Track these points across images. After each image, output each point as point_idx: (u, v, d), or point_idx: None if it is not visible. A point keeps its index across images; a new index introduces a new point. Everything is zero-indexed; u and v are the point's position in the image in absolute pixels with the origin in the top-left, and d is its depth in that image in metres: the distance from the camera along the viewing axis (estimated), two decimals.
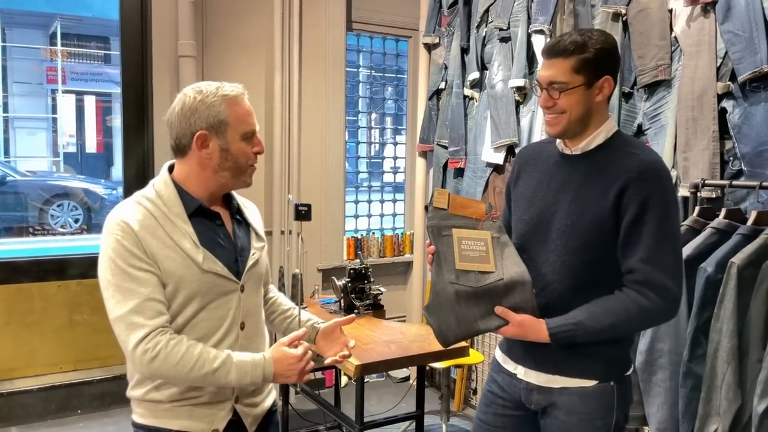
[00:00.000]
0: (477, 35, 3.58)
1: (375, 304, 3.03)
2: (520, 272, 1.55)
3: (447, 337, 1.54)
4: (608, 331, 1.50)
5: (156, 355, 1.32)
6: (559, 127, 1.56)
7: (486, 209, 1.64)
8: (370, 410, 3.44)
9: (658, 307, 1.47)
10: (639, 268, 1.47)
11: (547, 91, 1.55)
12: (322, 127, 4.00)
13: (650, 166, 1.48)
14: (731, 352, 1.87)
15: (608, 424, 1.57)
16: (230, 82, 1.46)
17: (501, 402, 1.73)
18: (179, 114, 1.42)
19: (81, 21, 9.27)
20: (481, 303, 1.53)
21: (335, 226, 4.13)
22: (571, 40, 1.52)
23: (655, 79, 2.51)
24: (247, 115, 1.45)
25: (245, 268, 1.50)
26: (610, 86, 1.54)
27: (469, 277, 1.54)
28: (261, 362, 1.42)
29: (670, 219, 1.48)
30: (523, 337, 1.56)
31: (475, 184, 3.62)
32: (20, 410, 3.44)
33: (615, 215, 1.49)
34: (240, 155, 1.44)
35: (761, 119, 2.13)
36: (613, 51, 1.54)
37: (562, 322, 1.51)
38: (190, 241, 1.41)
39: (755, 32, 2.12)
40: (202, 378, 1.36)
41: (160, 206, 1.41)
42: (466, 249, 1.57)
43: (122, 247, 1.34)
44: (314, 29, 3.91)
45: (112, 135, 9.54)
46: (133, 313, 1.33)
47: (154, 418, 1.44)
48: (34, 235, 7.08)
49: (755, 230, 1.95)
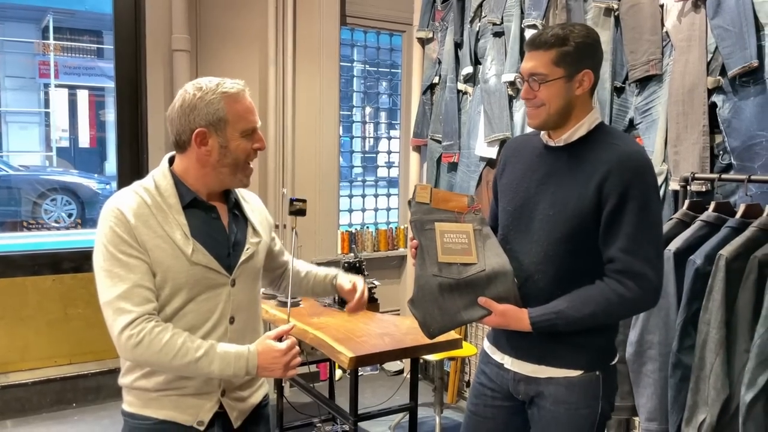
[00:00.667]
0: (470, 30, 3.59)
1: (369, 297, 3.05)
2: (502, 263, 1.57)
3: (431, 329, 1.57)
4: (588, 319, 1.51)
5: (140, 341, 1.33)
6: (538, 119, 1.59)
7: (468, 202, 1.66)
8: (365, 403, 3.46)
9: (637, 296, 1.49)
10: (618, 257, 1.49)
11: (528, 83, 1.57)
12: (317, 122, 4.01)
13: (630, 157, 1.50)
14: (719, 343, 1.90)
15: (594, 413, 1.59)
16: (231, 78, 1.46)
17: (490, 393, 1.75)
18: (179, 110, 1.43)
19: (74, 15, 9.23)
20: (464, 294, 1.56)
21: (330, 221, 4.15)
22: (553, 33, 1.54)
23: (646, 74, 2.53)
24: (247, 113, 1.45)
25: (237, 263, 1.50)
26: (590, 80, 1.55)
27: (452, 269, 1.56)
28: (245, 354, 1.40)
29: (650, 209, 1.49)
30: (506, 327, 1.58)
31: (469, 179, 3.64)
32: (15, 404, 3.45)
33: (596, 206, 1.51)
34: (239, 152, 1.44)
35: (750, 114, 2.16)
36: (594, 45, 1.56)
37: (543, 312, 1.53)
38: (181, 232, 1.42)
39: (745, 27, 2.14)
40: (185, 366, 1.36)
41: (156, 196, 1.43)
42: (449, 242, 1.59)
43: (114, 233, 1.36)
44: (308, 23, 3.91)
45: (106, 129, 9.51)
46: (120, 298, 1.34)
47: (142, 406, 1.46)
48: (28, 230, 7.06)
49: (743, 223, 1.98)
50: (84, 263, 3.54)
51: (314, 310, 2.96)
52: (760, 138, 2.12)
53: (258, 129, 1.48)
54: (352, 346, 2.38)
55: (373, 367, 4.26)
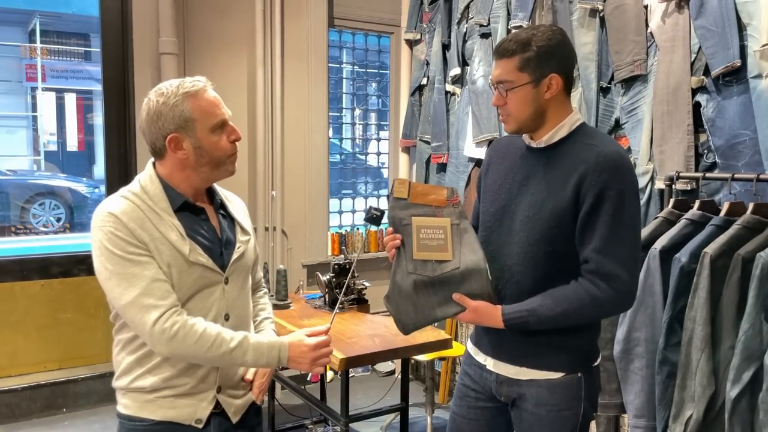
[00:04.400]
0: (458, 31, 3.61)
1: (359, 298, 3.06)
2: (477, 260, 1.57)
3: (406, 325, 1.60)
4: (560, 318, 1.51)
5: (175, 334, 1.36)
6: (509, 125, 1.61)
7: (447, 195, 1.65)
8: (356, 404, 3.46)
9: (609, 297, 1.48)
10: (592, 257, 1.49)
11: (498, 90, 1.58)
12: (306, 123, 4.01)
13: (608, 157, 1.49)
14: (705, 340, 1.93)
15: (576, 414, 1.60)
16: (219, 80, 1.48)
17: (474, 394, 1.75)
18: (147, 120, 1.44)
19: (60, 18, 9.17)
20: (439, 291, 1.58)
21: (319, 222, 4.15)
22: (516, 39, 1.54)
23: (631, 74, 2.56)
24: (212, 107, 1.45)
25: (230, 261, 1.52)
26: (558, 83, 1.54)
27: (427, 266, 1.58)
28: (277, 345, 1.47)
29: (626, 209, 1.48)
30: (479, 323, 1.60)
31: (458, 179, 3.65)
32: (5, 410, 3.43)
33: (574, 206, 1.51)
34: (214, 149, 1.45)
35: (734, 113, 2.18)
36: (559, 47, 1.54)
37: (515, 309, 1.54)
38: (176, 233, 1.43)
39: (727, 27, 2.16)
40: (220, 357, 1.41)
41: (146, 200, 1.44)
42: (425, 237, 1.60)
43: (116, 237, 1.37)
44: (296, 25, 3.92)
45: (94, 133, 9.46)
46: (143, 295, 1.36)
47: (139, 408, 1.47)
48: (16, 234, 7.01)
49: (728, 221, 2.00)
50: (73, 268, 3.52)
51: (304, 312, 2.96)
52: (744, 137, 2.15)
53: (228, 120, 1.48)
54: (342, 347, 2.39)
55: (364, 368, 4.26)
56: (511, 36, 1.57)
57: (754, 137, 2.10)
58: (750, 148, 2.13)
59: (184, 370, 1.46)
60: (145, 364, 1.45)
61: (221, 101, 1.48)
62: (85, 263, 3.49)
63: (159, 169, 1.50)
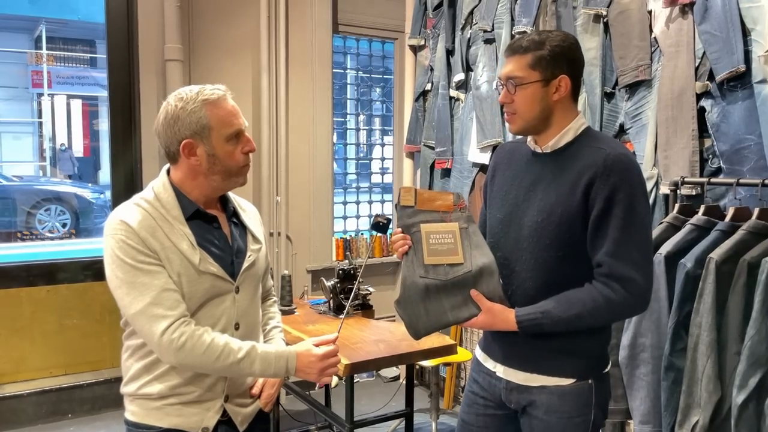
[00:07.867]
0: (462, 37, 3.62)
1: (364, 304, 3.06)
2: (488, 263, 1.57)
3: (417, 329, 1.58)
4: (574, 321, 1.50)
5: (183, 344, 1.36)
6: (515, 124, 1.60)
7: (454, 200, 1.65)
8: (361, 410, 3.46)
9: (624, 300, 1.48)
10: (605, 261, 1.48)
11: (505, 87, 1.58)
12: (310, 129, 4.02)
13: (616, 160, 1.48)
14: (711, 346, 1.92)
15: (587, 422, 1.58)
16: (212, 84, 1.47)
17: (482, 402, 1.73)
18: (164, 123, 1.44)
19: (66, 24, 9.24)
20: (451, 295, 1.57)
21: (324, 227, 4.16)
22: (530, 38, 1.56)
23: (635, 79, 2.56)
24: (230, 116, 1.45)
25: (241, 270, 1.52)
26: (567, 86, 1.55)
27: (439, 270, 1.57)
28: (285, 354, 1.47)
29: (637, 212, 1.48)
30: (492, 326, 1.57)
31: (462, 184, 3.65)
32: (11, 415, 3.44)
33: (584, 210, 1.50)
34: (227, 159, 1.45)
35: (738, 118, 2.18)
36: (571, 50, 1.56)
37: (529, 311, 1.53)
38: (187, 242, 1.43)
39: (732, 32, 2.16)
40: (228, 368, 1.41)
41: (159, 208, 1.44)
42: (435, 243, 1.59)
43: (127, 245, 1.37)
44: (300, 32, 3.93)
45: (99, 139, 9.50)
46: (152, 305, 1.36)
47: (146, 415, 1.47)
48: (23, 240, 7.05)
49: (733, 226, 2.00)
50: (78, 273, 3.52)
51: (309, 318, 2.96)
52: (749, 141, 2.14)
53: (244, 131, 1.49)
54: (347, 352, 2.39)
55: (369, 374, 4.26)
56: (525, 36, 1.58)
57: (759, 142, 2.10)
58: (755, 153, 2.12)
59: (191, 378, 1.46)
60: (153, 371, 1.46)
61: (239, 111, 1.48)
62: (90, 269, 3.50)
63: (172, 175, 1.50)
